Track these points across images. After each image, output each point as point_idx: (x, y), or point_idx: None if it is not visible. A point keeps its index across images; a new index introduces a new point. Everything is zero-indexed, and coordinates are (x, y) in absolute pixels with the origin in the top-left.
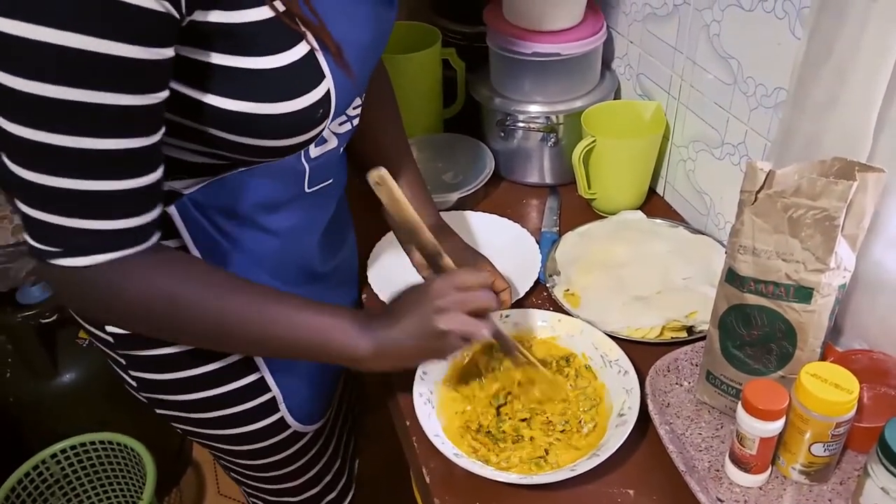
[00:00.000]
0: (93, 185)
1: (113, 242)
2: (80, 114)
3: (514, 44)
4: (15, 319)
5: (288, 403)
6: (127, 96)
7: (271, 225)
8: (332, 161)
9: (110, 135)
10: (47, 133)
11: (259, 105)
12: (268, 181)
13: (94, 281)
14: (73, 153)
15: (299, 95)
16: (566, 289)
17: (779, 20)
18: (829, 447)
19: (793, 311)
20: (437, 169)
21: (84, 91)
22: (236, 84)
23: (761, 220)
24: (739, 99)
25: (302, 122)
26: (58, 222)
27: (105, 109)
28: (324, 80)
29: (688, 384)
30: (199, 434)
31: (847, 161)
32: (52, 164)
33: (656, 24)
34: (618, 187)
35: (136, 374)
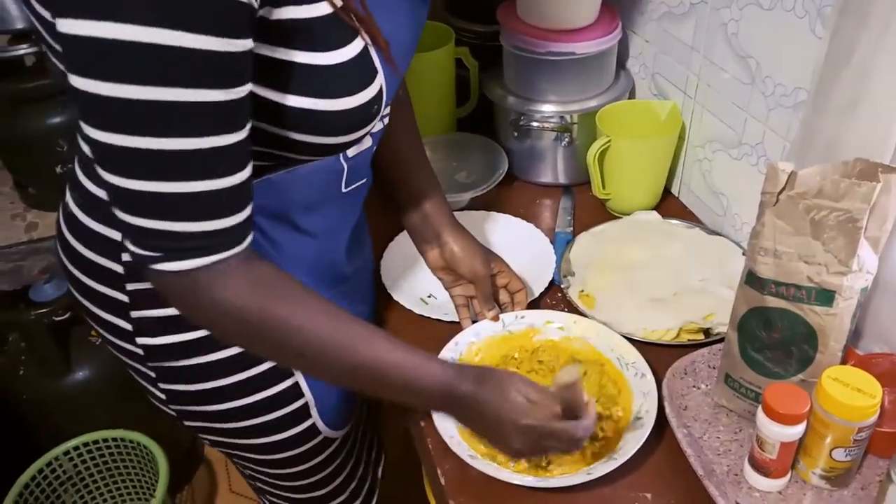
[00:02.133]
0: (187, 187)
1: (210, 244)
2: (170, 114)
3: (528, 43)
4: (28, 317)
5: (321, 409)
6: (215, 91)
7: (309, 225)
8: (366, 160)
9: (201, 133)
10: (138, 137)
11: (323, 101)
12: (308, 182)
13: (195, 287)
14: (165, 156)
15: (359, 91)
16: (581, 290)
17: (799, 19)
18: (850, 452)
19: (814, 315)
20: (450, 168)
21: (171, 90)
22: (302, 80)
23: (783, 222)
24: (758, 99)
25: (360, 117)
26: (156, 227)
27: (195, 107)
28: (378, 76)
29: (705, 387)
30: (228, 444)
31: (870, 162)
32: (146, 168)
33: (672, 22)
34: (633, 187)
35: (165, 386)
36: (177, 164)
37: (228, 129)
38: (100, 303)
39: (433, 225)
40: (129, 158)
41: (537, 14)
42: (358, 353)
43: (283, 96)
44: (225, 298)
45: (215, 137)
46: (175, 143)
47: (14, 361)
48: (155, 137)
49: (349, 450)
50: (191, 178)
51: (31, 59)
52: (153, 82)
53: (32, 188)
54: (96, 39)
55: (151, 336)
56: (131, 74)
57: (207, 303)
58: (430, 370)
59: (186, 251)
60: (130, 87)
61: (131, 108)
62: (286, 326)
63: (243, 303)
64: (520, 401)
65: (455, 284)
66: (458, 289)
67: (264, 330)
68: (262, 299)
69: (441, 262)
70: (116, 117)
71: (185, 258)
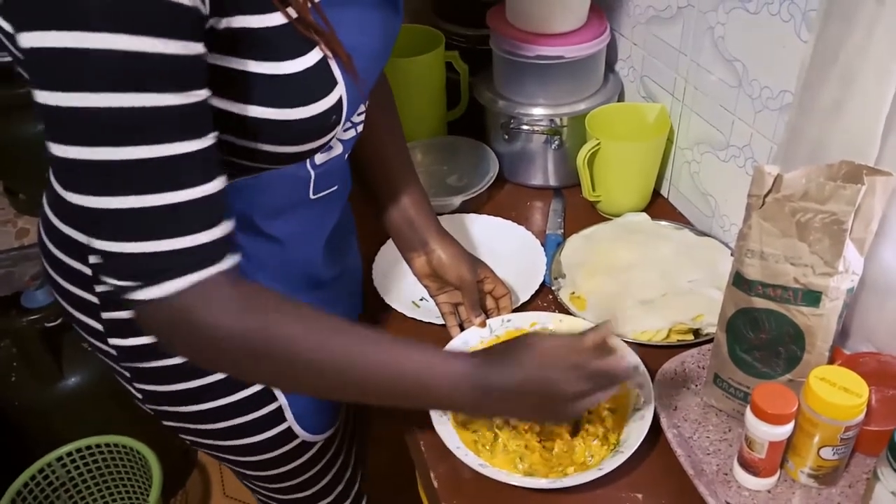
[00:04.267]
0: (157, 200)
1: (188, 263)
2: (133, 121)
3: (517, 47)
4: (20, 323)
5: (295, 412)
6: (175, 95)
7: (275, 231)
8: (336, 167)
9: (166, 139)
10: (102, 148)
11: (278, 111)
12: (272, 188)
13: (176, 315)
14: (132, 166)
15: (316, 100)
16: (572, 291)
17: (784, 23)
18: (837, 451)
19: (801, 315)
20: (440, 172)
21: (132, 95)
22: (256, 90)
23: (769, 224)
24: (744, 101)
25: (317, 127)
26: (128, 250)
27: (157, 112)
28: (337, 86)
29: (695, 387)
30: (206, 445)
31: (855, 164)
32: (112, 182)
33: (660, 26)
34: (622, 189)
35: (140, 386)
36: (144, 175)
37: (193, 135)
38: (75, 304)
39: (419, 232)
40: (94, 173)
41: (526, 18)
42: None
43: (237, 105)
44: (212, 323)
45: (181, 143)
46: (141, 151)
47: (6, 368)
48: (120, 147)
49: (334, 453)
50: (160, 189)
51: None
52: (113, 89)
53: (23, 194)
54: (54, 49)
55: (122, 337)
56: (90, 82)
57: (194, 330)
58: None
59: (164, 273)
60: (91, 96)
61: (93, 117)
62: (287, 348)
63: (233, 326)
64: (553, 344)
65: (440, 292)
66: (443, 296)
67: (261, 354)
68: (261, 322)
69: (428, 270)
70: (79, 129)
71: (163, 281)
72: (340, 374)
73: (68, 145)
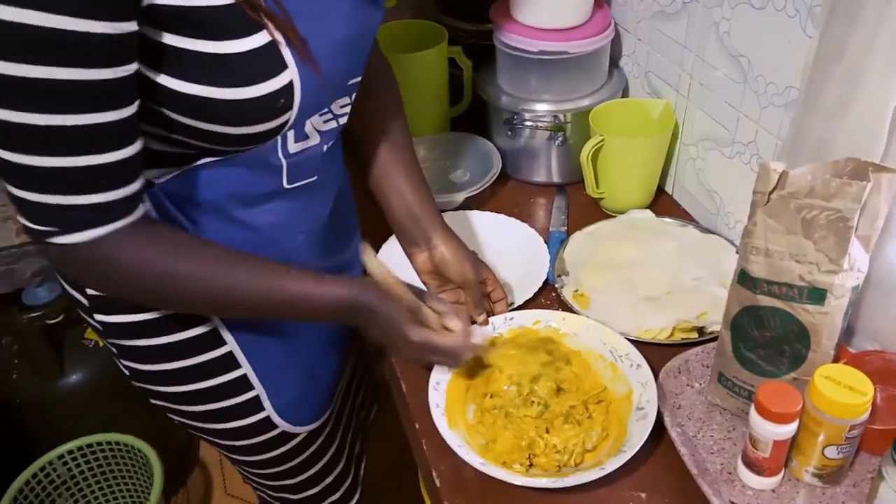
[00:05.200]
0: (74, 162)
1: (104, 215)
2: (52, 91)
3: (521, 42)
4: (21, 320)
5: (275, 403)
6: (94, 70)
7: (248, 219)
8: (314, 158)
9: (83, 110)
10: (21, 113)
11: (214, 89)
12: (241, 173)
13: (91, 256)
14: (50, 131)
15: (256, 83)
16: (575, 289)
17: (790, 18)
18: (842, 450)
19: (806, 313)
20: (443, 168)
21: (52, 68)
22: (193, 67)
23: (774, 221)
24: (750, 97)
25: (261, 110)
26: (48, 201)
27: (74, 85)
28: (285, 71)
29: (699, 385)
30: (191, 426)
31: (861, 161)
32: (31, 143)
33: (665, 21)
34: (626, 186)
35: (125, 363)
36: (61, 139)
37: (114, 106)
38: (69, 281)
39: (423, 228)
40: (19, 133)
41: (530, 13)
42: (262, 284)
43: (175, 81)
44: (122, 260)
45: (98, 114)
46: (57, 118)
47: (7, 365)
48: (38, 113)
49: (323, 444)
50: (76, 153)
51: None
52: (31, 60)
53: None
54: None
55: (104, 313)
56: (17, 53)
57: (107, 268)
58: (332, 284)
59: (80, 223)
60: (17, 66)
61: (18, 84)
62: (188, 277)
63: (140, 261)
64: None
65: (441, 290)
66: (444, 295)
67: (168, 289)
68: (161, 260)
69: (430, 266)
70: (5, 93)
71: (79, 230)
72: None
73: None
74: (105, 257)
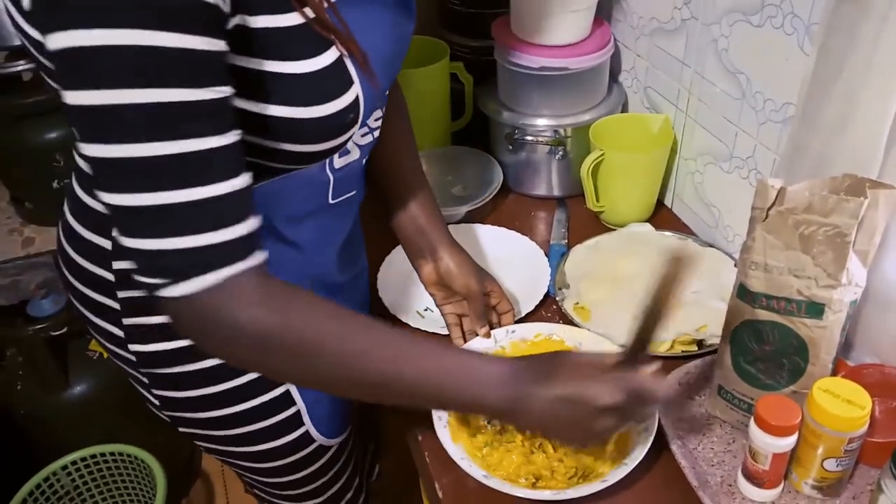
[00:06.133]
0: (185, 196)
1: (217, 259)
2: (161, 116)
3: (521, 58)
4: (26, 332)
5: (312, 416)
6: (198, 91)
7: (294, 237)
8: (354, 172)
9: (193, 135)
10: (131, 145)
11: (296, 109)
12: (294, 192)
13: (208, 310)
14: (161, 162)
15: (331, 99)
16: (576, 302)
17: (787, 36)
18: (841, 462)
19: (804, 327)
20: (445, 182)
21: (155, 90)
22: (275, 89)
23: (773, 237)
24: (748, 113)
25: (335, 126)
26: (159, 247)
27: (181, 107)
28: (353, 86)
29: (699, 398)
30: (223, 452)
31: (858, 178)
32: (142, 179)
33: (664, 38)
34: (626, 200)
35: (159, 392)
36: (173, 170)
37: (219, 130)
38: (95, 310)
39: (429, 240)
40: (125, 170)
41: (530, 30)
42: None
43: (256, 105)
44: (238, 319)
45: (208, 139)
46: (168, 147)
47: (12, 376)
48: (147, 143)
49: (346, 459)
50: (188, 184)
51: (28, 75)
52: (140, 84)
53: (29, 203)
54: (83, 49)
55: (143, 343)
56: (118, 78)
57: (222, 326)
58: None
59: (193, 269)
60: (119, 92)
61: (122, 114)
62: (327, 348)
63: (258, 322)
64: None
65: (447, 301)
66: (449, 306)
67: (285, 350)
68: (290, 319)
69: (435, 277)
70: (108, 126)
71: (192, 277)
72: (365, 373)
73: (97, 143)
74: (217, 312)
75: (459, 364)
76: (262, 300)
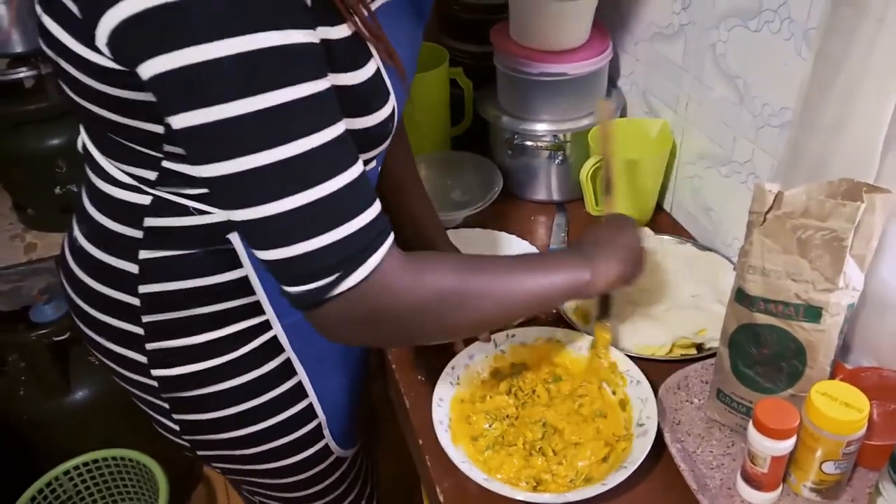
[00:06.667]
0: (315, 194)
1: (369, 241)
2: (285, 117)
3: (520, 64)
4: (28, 338)
5: (331, 429)
6: (314, 83)
7: None
8: (372, 180)
9: (318, 128)
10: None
11: (352, 120)
12: None
13: (382, 290)
14: (295, 163)
15: (377, 109)
16: (575, 306)
17: (785, 41)
18: (839, 465)
19: (802, 331)
20: (445, 187)
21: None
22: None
23: (770, 241)
24: (746, 118)
25: (377, 135)
26: (308, 249)
27: (304, 102)
28: (391, 95)
29: (698, 401)
30: (242, 471)
31: (855, 182)
32: (280, 185)
33: (662, 43)
34: (625, 204)
35: (180, 416)
36: (308, 168)
37: (334, 119)
38: (111, 336)
39: (428, 246)
40: (261, 180)
41: (529, 35)
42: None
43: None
44: (402, 291)
45: (329, 129)
46: (298, 146)
47: (14, 382)
48: (278, 147)
49: (358, 468)
50: (319, 180)
51: (30, 81)
52: (253, 91)
53: (31, 209)
54: (185, 68)
55: (167, 367)
56: (230, 91)
57: (398, 300)
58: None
59: (353, 258)
60: (234, 104)
61: (245, 124)
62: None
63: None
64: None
65: None
66: None
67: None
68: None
69: None
70: (231, 140)
71: (357, 265)
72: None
73: (216, 162)
74: (389, 287)
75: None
76: (413, 269)
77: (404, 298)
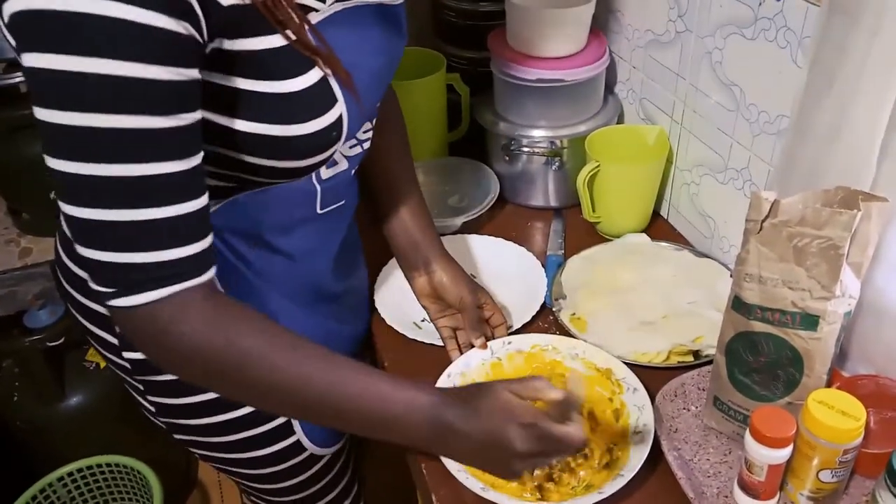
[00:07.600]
0: (138, 215)
1: (166, 275)
2: (117, 140)
3: (517, 70)
4: (22, 343)
5: (304, 425)
6: (160, 119)
7: (285, 246)
8: (343, 183)
9: (151, 159)
10: (91, 164)
11: (279, 127)
12: (281, 203)
13: (153, 323)
14: (113, 183)
15: (316, 117)
16: (572, 313)
17: (781, 49)
18: (836, 473)
19: (799, 339)
20: (442, 193)
21: (119, 116)
22: (258, 108)
23: (767, 249)
24: (742, 125)
25: (318, 143)
26: (110, 259)
27: (140, 134)
28: (337, 104)
29: (695, 409)
30: (217, 458)
31: (851, 190)
32: (94, 196)
33: (659, 50)
34: (622, 211)
35: (153, 398)
36: (129, 191)
37: (179, 156)
38: (91, 318)
39: (423, 253)
40: (83, 186)
41: (526, 42)
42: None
43: (237, 122)
44: (183, 333)
45: (165, 164)
46: (126, 169)
47: (8, 387)
48: (107, 164)
49: (342, 467)
50: (143, 205)
51: (24, 86)
52: (104, 110)
53: (26, 214)
54: (53, 71)
55: (135, 350)
56: (84, 103)
57: (166, 339)
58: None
59: (142, 284)
60: (83, 115)
61: (85, 135)
62: (254, 363)
63: (205, 338)
64: (515, 401)
65: (441, 315)
66: (443, 319)
67: (229, 368)
68: (226, 334)
69: (428, 290)
70: (71, 145)
71: (141, 291)
72: (294, 393)
73: (60, 159)
74: (163, 323)
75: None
76: (200, 316)
77: (188, 340)
